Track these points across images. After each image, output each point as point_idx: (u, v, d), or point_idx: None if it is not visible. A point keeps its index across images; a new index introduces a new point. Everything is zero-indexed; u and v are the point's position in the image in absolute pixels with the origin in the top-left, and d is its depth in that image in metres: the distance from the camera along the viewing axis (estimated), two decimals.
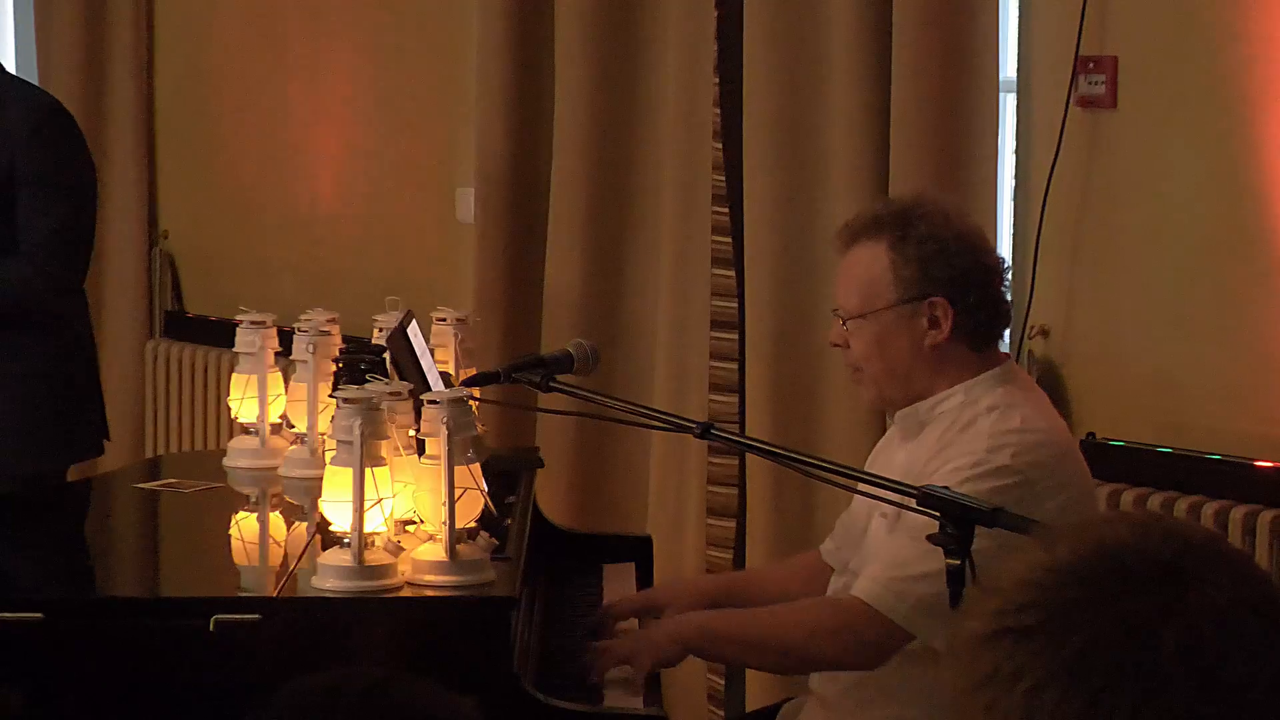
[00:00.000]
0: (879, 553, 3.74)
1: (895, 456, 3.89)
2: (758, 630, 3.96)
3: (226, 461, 4.56)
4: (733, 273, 5.33)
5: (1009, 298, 3.98)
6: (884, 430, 4.52)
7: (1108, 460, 4.70)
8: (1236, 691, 1.46)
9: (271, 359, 4.53)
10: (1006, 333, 4.09)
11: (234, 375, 4.58)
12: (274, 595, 3.71)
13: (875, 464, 3.99)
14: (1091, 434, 4.75)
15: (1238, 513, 4.50)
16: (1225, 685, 1.46)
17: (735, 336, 5.33)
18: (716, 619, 4.00)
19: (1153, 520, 1.61)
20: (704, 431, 3.93)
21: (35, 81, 7.07)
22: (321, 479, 3.76)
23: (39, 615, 3.58)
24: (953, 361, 3.82)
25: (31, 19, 7.37)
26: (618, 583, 4.49)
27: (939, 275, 3.78)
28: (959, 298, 3.78)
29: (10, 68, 7.49)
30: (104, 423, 5.64)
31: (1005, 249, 4.88)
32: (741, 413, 5.29)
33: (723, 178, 5.33)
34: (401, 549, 3.68)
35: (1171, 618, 1.46)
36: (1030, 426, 3.75)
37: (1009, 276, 4.01)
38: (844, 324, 3.89)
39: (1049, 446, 3.76)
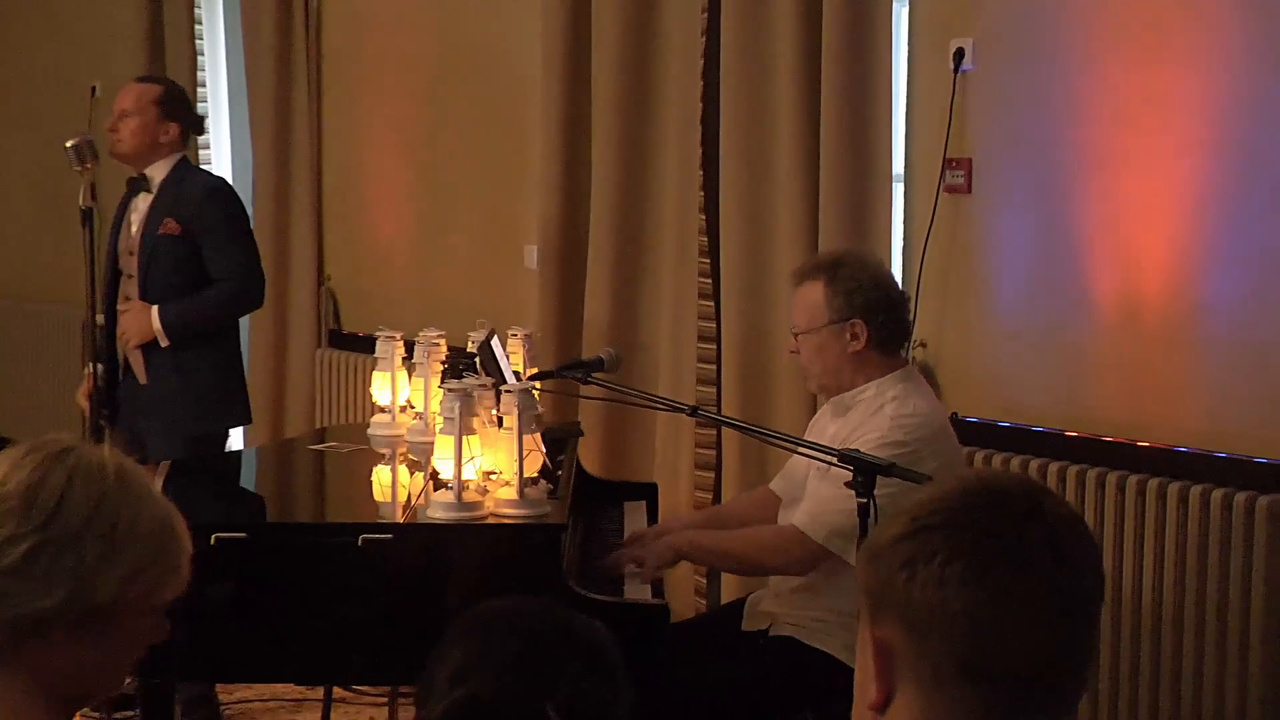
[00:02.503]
0: (810, 496, 3.75)
1: (828, 428, 3.92)
2: (728, 546, 3.99)
3: (370, 431, 4.58)
4: (712, 303, 5.31)
5: (912, 319, 4.01)
6: (813, 411, 4.53)
7: (965, 431, 4.67)
8: (1079, 569, 1.50)
9: (399, 361, 4.56)
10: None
11: (374, 373, 4.62)
12: (401, 521, 3.71)
13: (811, 431, 4.03)
14: (955, 413, 4.72)
15: (1053, 467, 4.50)
16: (1066, 563, 1.49)
17: (714, 346, 5.32)
18: (702, 537, 4.03)
19: (1003, 472, 1.65)
20: (693, 411, 4.04)
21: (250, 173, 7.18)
22: (433, 443, 3.80)
23: (244, 534, 3.61)
24: (868, 363, 3.85)
25: (248, 136, 7.36)
26: (634, 515, 4.52)
27: (857, 304, 3.82)
28: (871, 320, 3.82)
29: (226, 158, 7.53)
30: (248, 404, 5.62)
31: None
32: (718, 398, 5.27)
33: (705, 238, 5.33)
34: (486, 491, 3.71)
35: (1035, 519, 1.49)
36: (918, 412, 3.79)
37: (911, 305, 4.05)
38: (796, 338, 3.89)
39: (930, 426, 3.79)
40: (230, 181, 6.40)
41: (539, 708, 1.70)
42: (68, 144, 4.90)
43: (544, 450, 3.82)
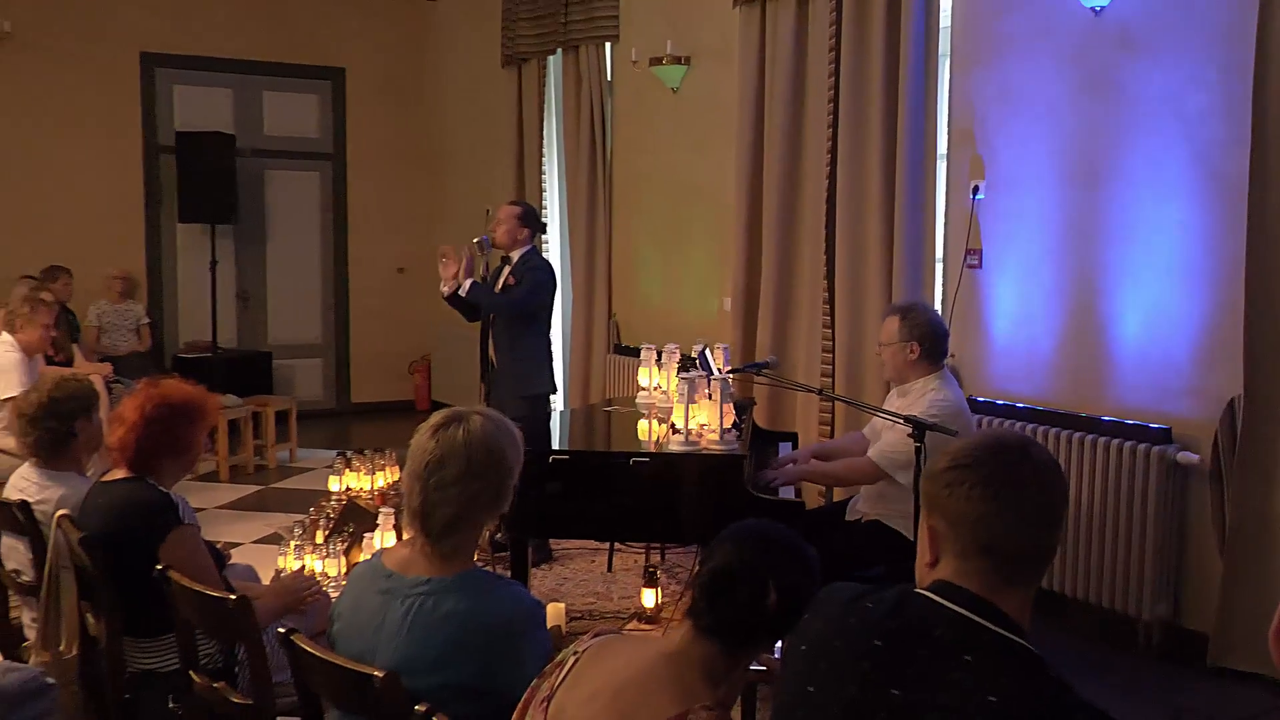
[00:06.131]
0: (879, 443, 3.72)
1: (894, 402, 3.85)
2: (830, 471, 3.92)
3: (636, 401, 4.54)
4: (831, 330, 5.28)
5: (949, 342, 3.92)
6: (886, 394, 4.45)
7: (978, 406, 4.64)
8: (1051, 490, 1.44)
9: (653, 362, 4.54)
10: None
11: (640, 368, 4.59)
12: (654, 451, 3.74)
13: (888, 403, 3.93)
14: (972, 395, 4.64)
15: (1030, 427, 4.40)
16: (1043, 487, 1.43)
17: (830, 355, 5.28)
18: (816, 469, 3.93)
19: (1007, 430, 1.57)
20: (820, 392, 3.99)
21: (569, 254, 7.16)
22: (672, 408, 3.80)
23: (567, 456, 3.65)
24: (921, 366, 3.77)
25: (568, 234, 7.42)
26: (784, 450, 4.45)
27: (915, 334, 3.74)
28: (923, 341, 3.74)
29: (557, 246, 7.59)
30: (554, 380, 5.51)
31: None
32: (833, 385, 5.23)
33: (827, 293, 5.29)
34: (702, 435, 3.71)
35: (1025, 460, 1.44)
36: (946, 396, 3.69)
37: (948, 335, 3.95)
38: (880, 347, 3.86)
39: (955, 404, 3.70)
40: (556, 261, 6.47)
41: (764, 579, 1.69)
42: (474, 240, 5.07)
43: (734, 413, 3.83)
